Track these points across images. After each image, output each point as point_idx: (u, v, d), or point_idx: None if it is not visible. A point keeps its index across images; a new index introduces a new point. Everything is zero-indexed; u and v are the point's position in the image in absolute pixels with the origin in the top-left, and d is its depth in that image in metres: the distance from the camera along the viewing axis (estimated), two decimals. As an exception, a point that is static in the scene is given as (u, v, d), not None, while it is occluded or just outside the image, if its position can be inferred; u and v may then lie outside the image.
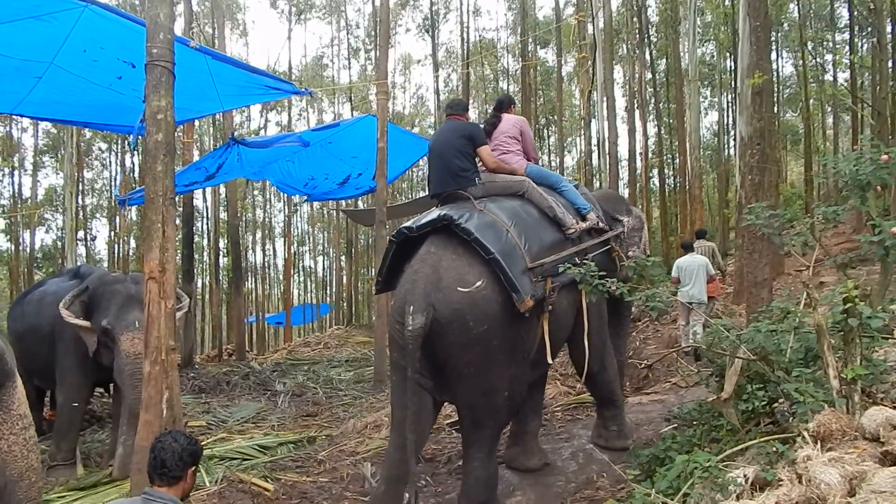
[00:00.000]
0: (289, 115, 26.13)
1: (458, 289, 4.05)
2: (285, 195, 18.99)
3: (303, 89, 9.01)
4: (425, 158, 5.87)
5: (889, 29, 15.53)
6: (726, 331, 4.03)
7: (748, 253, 5.80)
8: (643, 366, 8.34)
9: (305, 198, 13.74)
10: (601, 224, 5.16)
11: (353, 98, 25.93)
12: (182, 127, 11.36)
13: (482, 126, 5.19)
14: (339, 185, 11.73)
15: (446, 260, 4.23)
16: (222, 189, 17.89)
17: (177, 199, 11.57)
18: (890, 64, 14.49)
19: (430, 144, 5.12)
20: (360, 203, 21.47)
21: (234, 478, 5.26)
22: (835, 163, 4.09)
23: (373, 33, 24.41)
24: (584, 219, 5.02)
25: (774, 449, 3.19)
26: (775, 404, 3.87)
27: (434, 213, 4.52)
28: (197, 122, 17.58)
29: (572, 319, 4.78)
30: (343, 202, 19.93)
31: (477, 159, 4.85)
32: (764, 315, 4.42)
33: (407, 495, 3.89)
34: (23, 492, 2.81)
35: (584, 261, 4.41)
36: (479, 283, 4.09)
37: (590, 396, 6.17)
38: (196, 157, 13.48)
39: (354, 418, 7.26)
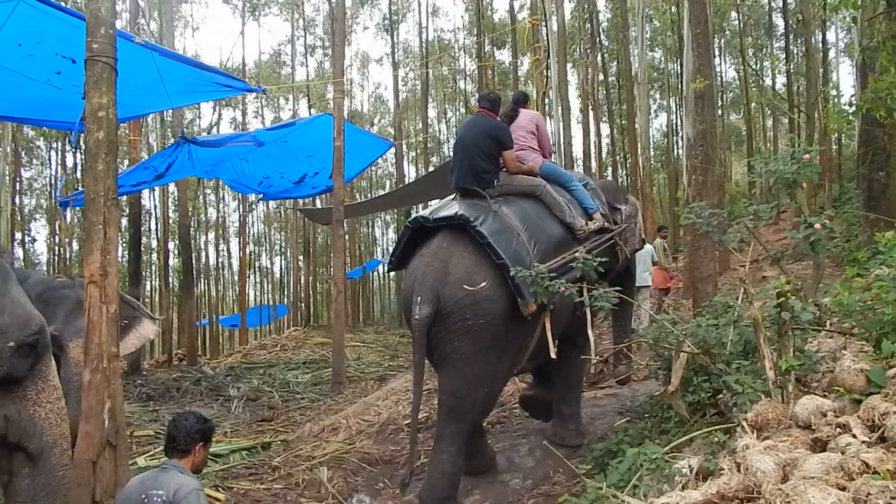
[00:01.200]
0: (243, 112, 25.69)
1: (464, 286, 4.31)
2: (240, 194, 18.66)
3: (256, 87, 8.93)
4: (384, 156, 6.01)
5: (820, 38, 16.30)
6: (671, 325, 4.19)
7: (693, 249, 6.03)
8: (598, 361, 8.50)
9: (260, 196, 13.56)
10: (606, 224, 5.43)
11: (310, 96, 25.64)
12: (128, 124, 11.06)
13: (503, 116, 5.34)
14: (296, 183, 11.62)
15: (456, 257, 4.49)
16: (172, 188, 17.45)
17: (123, 199, 11.27)
18: (822, 71, 15.20)
19: (458, 137, 5.32)
20: (317, 202, 21.28)
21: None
22: (764, 162, 4.32)
23: (330, 31, 24.20)
24: (591, 218, 5.26)
25: (717, 439, 3.35)
26: (719, 396, 4.05)
27: (451, 209, 4.73)
28: (145, 119, 17.12)
29: (569, 317, 4.98)
30: (300, 201, 19.72)
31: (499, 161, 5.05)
32: (707, 309, 4.61)
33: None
34: (56, 458, 3.14)
35: (588, 256, 4.67)
36: (483, 284, 4.34)
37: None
38: (144, 156, 13.15)
39: (311, 422, 7.19)
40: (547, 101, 12.48)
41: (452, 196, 5.16)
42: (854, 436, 2.61)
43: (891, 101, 5.40)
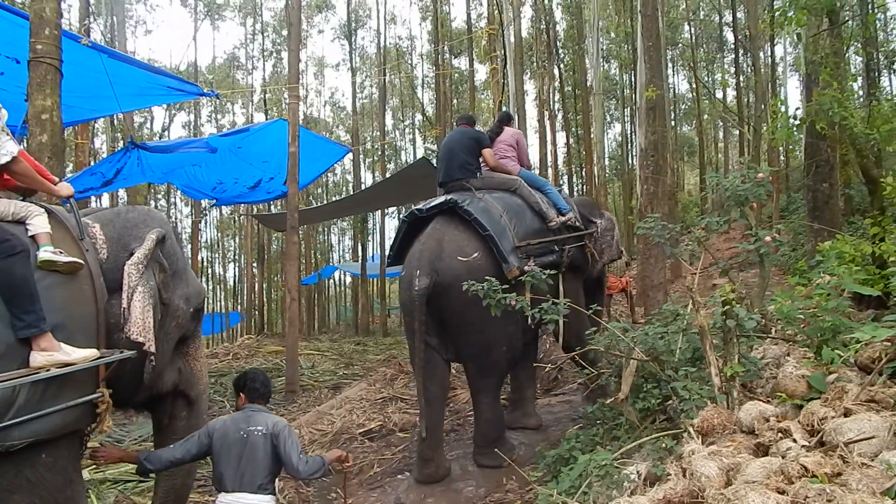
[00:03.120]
0: (196, 116, 25.14)
1: (458, 258, 4.91)
2: (192, 199, 18.22)
3: (209, 91, 8.74)
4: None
5: (769, 52, 16.90)
6: (622, 333, 4.24)
7: (645, 258, 6.13)
8: (550, 368, 8.55)
9: (214, 202, 13.27)
10: (577, 223, 5.95)
11: (266, 101, 25.28)
12: (76, 128, 10.69)
13: (489, 131, 6.28)
14: (250, 189, 11.41)
15: (449, 235, 5.15)
16: (122, 193, 16.94)
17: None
18: (771, 84, 15.75)
19: (443, 144, 6.31)
20: (272, 207, 20.96)
21: (127, 502, 5.00)
22: (718, 180, 4.47)
23: (285, 34, 23.92)
24: (562, 214, 5.84)
25: (665, 445, 3.39)
26: (668, 402, 4.12)
27: (441, 198, 5.48)
28: (94, 123, 16.58)
29: (550, 296, 5.19)
30: (255, 207, 19.39)
31: (480, 159, 5.82)
32: (656, 317, 4.69)
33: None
34: (204, 404, 3.84)
35: (563, 252, 5.57)
36: (475, 255, 4.95)
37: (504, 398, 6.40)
38: (93, 162, 12.72)
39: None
40: (503, 109, 12.58)
41: (441, 192, 5.85)
42: (794, 440, 2.67)
43: (832, 114, 5.60)
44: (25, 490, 2.53)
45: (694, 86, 21.11)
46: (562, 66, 18.79)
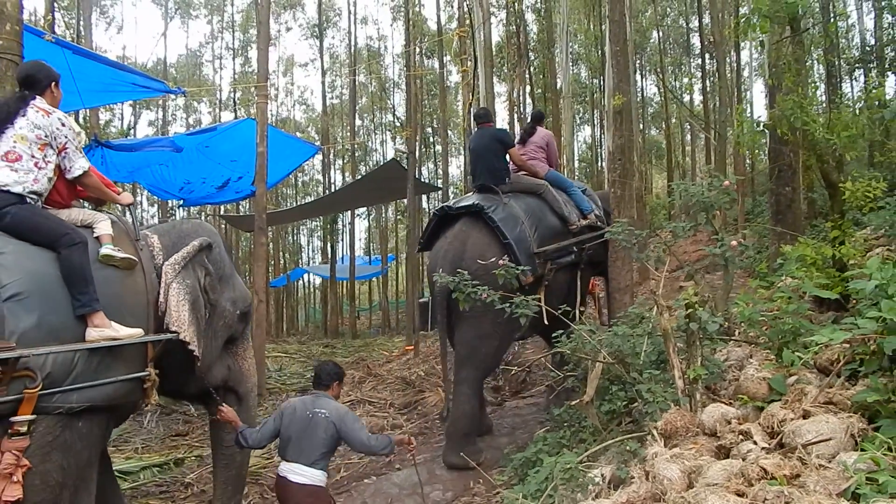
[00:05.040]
0: (164, 113, 24.66)
1: (478, 261, 5.31)
2: (158, 199, 17.87)
3: (175, 88, 8.56)
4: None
5: (735, 58, 17.23)
6: (588, 336, 4.25)
7: (612, 260, 6.15)
8: (516, 371, 8.56)
9: (181, 202, 13.01)
10: (599, 223, 6.36)
11: (235, 99, 24.91)
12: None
13: (522, 131, 6.86)
14: (218, 189, 11.20)
15: (473, 237, 5.67)
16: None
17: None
18: (736, 89, 16.05)
19: (471, 147, 6.69)
20: (240, 208, 20.67)
21: None
22: (685, 187, 4.56)
23: (253, 32, 23.62)
24: (585, 217, 6.29)
25: (628, 448, 3.40)
26: (634, 404, 4.14)
27: (470, 200, 6.04)
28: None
29: (566, 292, 6.00)
30: (222, 207, 19.09)
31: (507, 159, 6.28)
32: (622, 320, 4.72)
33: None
34: (252, 401, 4.20)
35: (582, 252, 6.04)
36: (494, 259, 5.21)
37: None
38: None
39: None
40: (473, 111, 12.56)
41: (472, 192, 6.44)
42: (755, 442, 2.70)
43: (794, 119, 5.70)
44: (60, 452, 2.81)
45: (662, 90, 21.40)
46: (532, 69, 18.87)
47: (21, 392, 2.60)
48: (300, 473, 3.51)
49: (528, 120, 7.14)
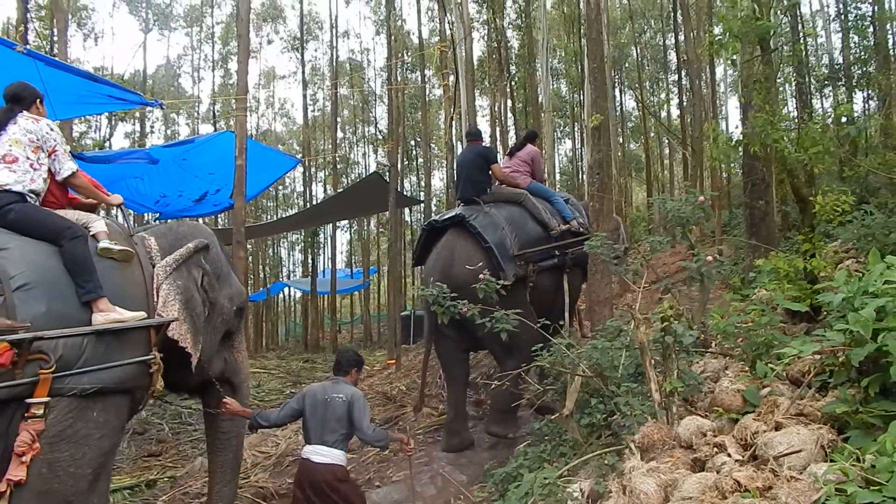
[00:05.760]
0: (141, 125, 24.43)
1: (466, 266, 5.62)
2: (134, 213, 17.64)
3: (152, 100, 8.49)
4: None
5: (709, 75, 17.55)
6: (567, 349, 4.28)
7: (592, 273, 6.22)
8: (498, 384, 8.53)
9: (157, 216, 12.85)
10: (582, 229, 6.61)
11: (215, 112, 24.76)
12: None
13: (513, 145, 7.40)
14: (196, 202, 11.07)
15: (459, 246, 6.10)
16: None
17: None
18: (712, 105, 16.33)
19: (457, 161, 7.41)
20: (219, 221, 20.50)
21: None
22: (662, 202, 4.64)
23: (233, 45, 23.56)
24: (566, 223, 6.55)
25: (607, 462, 3.42)
26: (613, 417, 4.17)
27: (454, 212, 6.52)
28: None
29: (552, 293, 6.34)
30: (200, 220, 18.91)
31: (490, 173, 6.68)
32: (601, 333, 4.76)
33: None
34: (247, 391, 4.48)
35: (565, 255, 6.28)
36: (480, 263, 5.61)
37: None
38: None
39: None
40: (455, 125, 12.65)
41: (457, 205, 6.87)
42: (729, 455, 2.73)
43: (765, 136, 5.83)
44: (73, 441, 2.93)
45: (640, 105, 21.72)
46: (513, 83, 19.06)
47: (36, 374, 2.75)
48: (321, 454, 3.78)
49: (523, 137, 7.58)
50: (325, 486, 3.75)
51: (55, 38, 13.01)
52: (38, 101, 3.57)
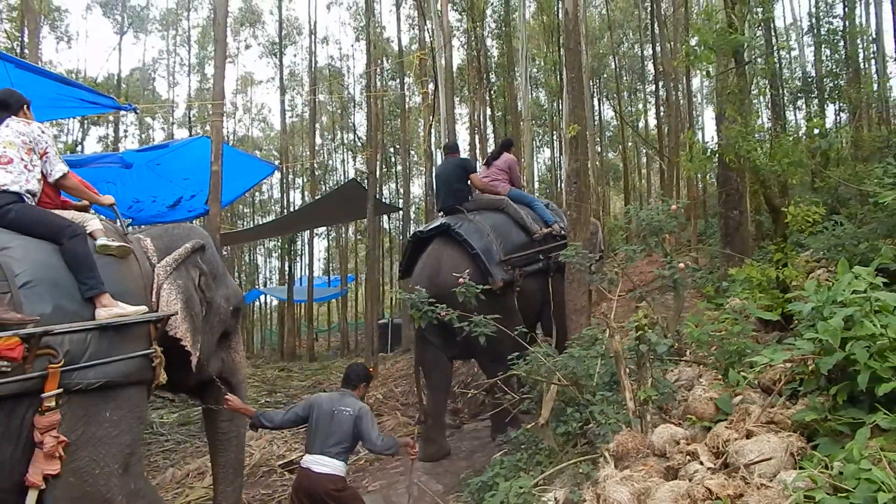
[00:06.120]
0: (115, 129, 24.06)
1: (453, 274, 5.61)
2: (106, 218, 17.31)
3: (126, 105, 8.37)
4: None
5: (686, 85, 17.81)
6: (544, 357, 4.29)
7: (568, 282, 6.22)
8: (475, 393, 8.52)
9: (129, 222, 12.63)
10: (564, 233, 6.68)
11: (191, 117, 24.49)
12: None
13: (490, 154, 7.55)
14: (170, 207, 10.92)
15: (445, 254, 6.20)
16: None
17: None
18: (688, 115, 16.57)
19: (436, 173, 7.46)
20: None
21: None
22: (636, 211, 4.70)
23: (210, 49, 23.33)
24: (548, 227, 6.71)
25: (582, 470, 3.43)
26: (589, 426, 4.17)
27: (438, 222, 6.62)
28: None
29: (540, 299, 6.48)
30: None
31: (469, 183, 6.89)
32: (576, 342, 4.78)
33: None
34: (244, 391, 4.46)
35: (549, 259, 6.40)
36: (467, 270, 5.63)
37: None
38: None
39: (175, 466, 6.61)
40: (434, 133, 12.65)
41: (438, 216, 6.97)
42: (701, 463, 2.75)
43: (738, 147, 5.92)
44: (91, 445, 3.00)
45: (618, 115, 21.98)
46: (492, 91, 19.16)
47: (45, 369, 2.81)
48: (323, 464, 3.81)
49: (499, 146, 7.85)
50: (324, 495, 3.77)
51: (26, 40, 12.81)
52: (24, 106, 3.63)
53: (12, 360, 2.69)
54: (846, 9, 13.34)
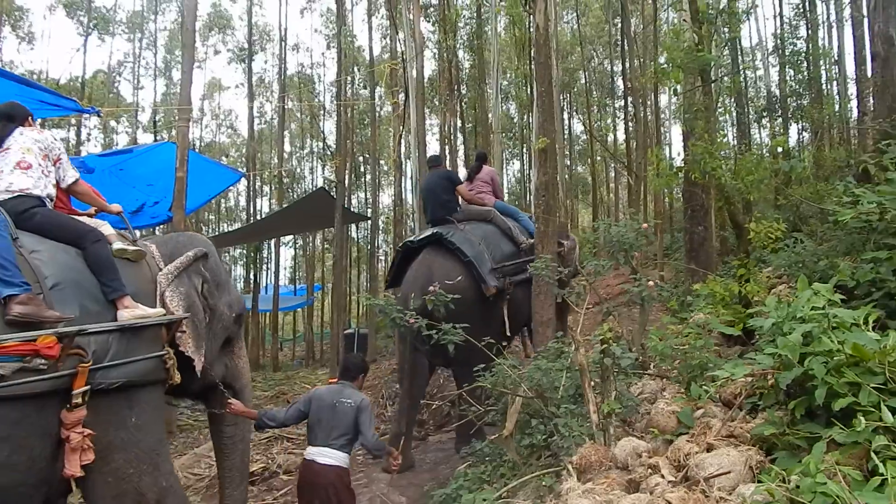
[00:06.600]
0: (77, 133, 23.48)
1: (445, 281, 5.71)
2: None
3: (88, 108, 8.17)
4: None
5: (654, 102, 18.17)
6: (509, 369, 4.27)
7: (535, 294, 6.24)
8: (440, 405, 8.48)
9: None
10: None
11: (156, 122, 24.03)
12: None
13: (469, 169, 7.60)
14: (133, 213, 10.64)
15: (437, 262, 6.25)
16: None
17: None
18: (656, 131, 16.87)
19: (422, 186, 7.63)
20: (156, 234, 19.82)
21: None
22: (606, 228, 4.76)
23: (176, 52, 23.01)
24: (532, 237, 6.68)
25: (545, 483, 3.41)
26: (553, 438, 4.17)
27: (429, 231, 6.74)
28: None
29: (527, 308, 6.37)
30: (137, 233, 18.27)
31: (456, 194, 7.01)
32: (542, 354, 4.78)
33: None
34: (249, 395, 4.55)
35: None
36: (459, 278, 5.90)
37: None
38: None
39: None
40: (404, 143, 12.63)
41: (429, 226, 7.04)
42: (662, 476, 2.75)
43: (704, 164, 6.03)
44: (120, 449, 3.14)
45: (588, 129, 22.27)
46: (464, 103, 19.24)
47: (75, 368, 2.89)
48: (327, 456, 3.86)
49: (474, 160, 7.96)
50: (329, 487, 3.84)
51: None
52: (29, 117, 3.72)
53: (50, 357, 2.78)
54: (809, 31, 13.76)
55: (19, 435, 2.76)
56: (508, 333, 6.17)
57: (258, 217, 21.81)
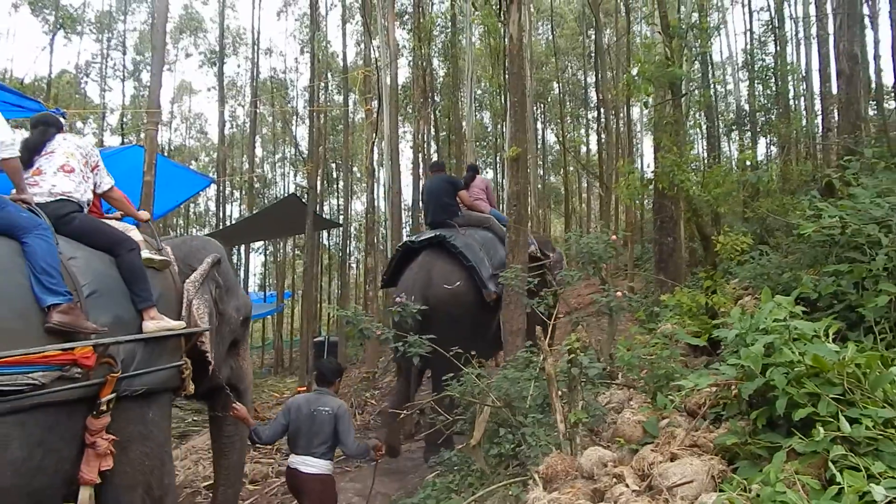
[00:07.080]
0: (43, 135, 22.86)
1: (444, 286, 5.89)
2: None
3: (53, 108, 7.97)
4: None
5: (626, 114, 18.44)
6: (477, 379, 4.27)
7: (506, 304, 6.24)
8: (409, 413, 8.40)
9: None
10: (539, 255, 7.00)
11: (123, 124, 23.57)
12: None
13: (463, 179, 7.68)
14: (98, 217, 10.46)
15: (437, 266, 6.30)
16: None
17: None
18: (628, 143, 17.10)
19: (425, 189, 7.65)
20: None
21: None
22: (577, 238, 4.85)
23: (146, 53, 22.65)
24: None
25: (511, 492, 3.40)
26: (521, 448, 4.17)
27: (431, 233, 6.80)
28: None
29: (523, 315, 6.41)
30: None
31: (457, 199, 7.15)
32: (511, 364, 4.78)
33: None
34: (250, 397, 4.67)
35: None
36: (458, 283, 5.98)
37: None
38: None
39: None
40: (377, 150, 12.58)
41: (429, 228, 7.14)
42: (627, 485, 2.76)
43: (672, 176, 6.13)
44: (139, 441, 3.26)
45: (561, 139, 22.48)
46: (437, 111, 19.27)
47: (104, 376, 2.96)
48: (309, 464, 3.97)
49: (466, 171, 8.25)
50: (311, 493, 4.00)
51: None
52: (61, 127, 3.79)
53: (86, 367, 2.83)
54: (778, 48, 14.09)
55: (52, 440, 2.82)
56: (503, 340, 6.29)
57: (228, 223, 21.53)
